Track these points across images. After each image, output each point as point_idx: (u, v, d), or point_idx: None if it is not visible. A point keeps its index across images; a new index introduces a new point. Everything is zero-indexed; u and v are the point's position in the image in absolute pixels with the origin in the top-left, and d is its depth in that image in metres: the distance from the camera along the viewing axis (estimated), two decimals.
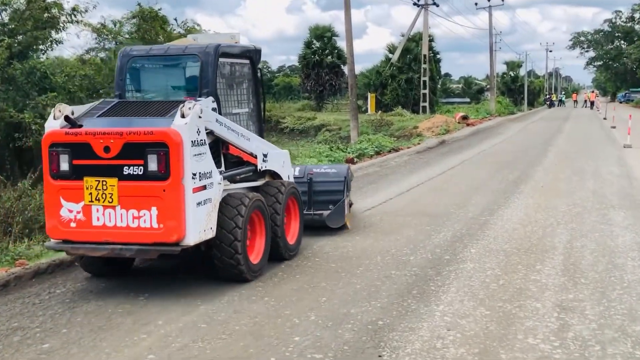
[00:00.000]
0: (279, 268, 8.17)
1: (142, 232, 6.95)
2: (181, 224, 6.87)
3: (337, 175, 10.72)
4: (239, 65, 8.64)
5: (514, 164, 19.42)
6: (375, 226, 10.70)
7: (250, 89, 8.89)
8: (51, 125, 7.30)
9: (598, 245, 9.20)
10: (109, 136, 6.97)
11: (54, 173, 7.20)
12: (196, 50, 8.04)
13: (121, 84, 8.29)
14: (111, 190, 7.00)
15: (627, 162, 19.30)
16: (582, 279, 7.58)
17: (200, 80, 7.90)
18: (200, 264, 8.01)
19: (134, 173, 6.93)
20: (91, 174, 7.06)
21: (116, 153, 6.94)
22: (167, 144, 6.80)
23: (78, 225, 7.14)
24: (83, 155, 7.06)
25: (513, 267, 8.11)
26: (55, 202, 7.23)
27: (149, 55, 8.46)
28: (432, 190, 14.52)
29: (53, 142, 7.18)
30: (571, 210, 11.81)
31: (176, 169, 6.83)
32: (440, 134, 31.98)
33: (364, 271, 8.00)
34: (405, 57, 53.06)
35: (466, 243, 9.42)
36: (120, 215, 7.01)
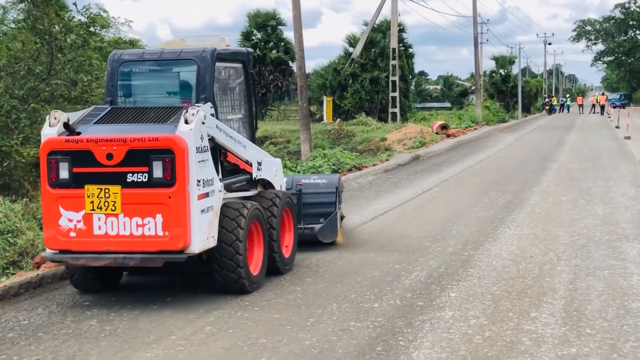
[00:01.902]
0: (206, 321, 8.10)
1: (146, 240, 8.29)
2: (187, 231, 8.23)
3: (327, 185, 12.05)
4: (233, 69, 10.15)
5: (505, 184, 19.65)
6: (329, 265, 10.70)
7: (243, 93, 10.44)
8: (48, 132, 8.55)
9: (608, 286, 9.30)
10: (112, 143, 8.27)
11: (52, 182, 8.44)
12: (192, 54, 9.44)
13: (112, 90, 9.64)
14: (114, 198, 8.30)
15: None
16: (587, 328, 7.65)
17: (197, 85, 9.32)
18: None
19: (138, 180, 8.26)
20: (93, 182, 8.35)
21: (119, 160, 8.26)
22: (173, 150, 8.16)
23: (78, 235, 8.40)
24: (84, 163, 8.34)
25: (502, 314, 8.16)
26: (54, 211, 8.46)
27: (142, 59, 9.97)
28: (403, 219, 14.62)
29: (52, 149, 8.43)
30: (575, 243, 11.97)
31: (182, 176, 8.19)
32: (413, 148, 32.28)
33: (315, 323, 7.96)
34: (369, 52, 53.58)
35: (444, 285, 9.45)
36: (123, 224, 8.32)
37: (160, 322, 8.09)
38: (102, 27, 27.01)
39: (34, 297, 9.21)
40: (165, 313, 8.44)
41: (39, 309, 8.72)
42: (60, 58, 17.17)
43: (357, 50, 52.37)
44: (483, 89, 75.28)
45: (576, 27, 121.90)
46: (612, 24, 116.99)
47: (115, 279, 9.64)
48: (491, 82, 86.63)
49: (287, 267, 10.31)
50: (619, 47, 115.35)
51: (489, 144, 36.46)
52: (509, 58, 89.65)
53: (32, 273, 9.82)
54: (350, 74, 52.49)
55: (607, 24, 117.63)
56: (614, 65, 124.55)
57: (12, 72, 16.40)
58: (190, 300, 8.94)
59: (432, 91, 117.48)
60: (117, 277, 9.69)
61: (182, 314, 8.38)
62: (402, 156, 27.66)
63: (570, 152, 30.47)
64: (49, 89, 16.82)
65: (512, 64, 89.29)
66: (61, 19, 18.19)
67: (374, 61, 53.34)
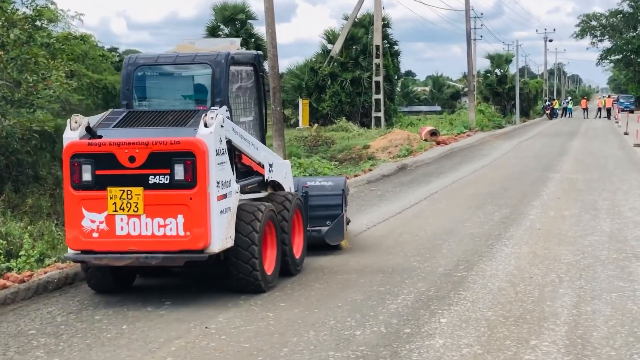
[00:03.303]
0: (167, 351, 8.08)
1: (168, 240, 9.37)
2: (207, 231, 9.35)
3: (334, 188, 13.29)
4: (245, 72, 11.33)
5: (501, 197, 19.76)
6: (307, 287, 10.72)
7: (254, 96, 11.68)
8: (69, 136, 9.65)
9: (615, 310, 9.35)
10: (135, 146, 9.34)
11: (75, 184, 9.52)
12: (207, 59, 10.59)
13: (128, 94, 10.77)
14: (136, 199, 9.35)
15: None
16: (593, 357, 7.69)
17: (212, 89, 10.49)
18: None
19: (160, 182, 9.35)
20: (115, 184, 9.41)
21: (141, 162, 9.32)
22: (194, 153, 9.25)
23: (101, 235, 9.47)
24: (107, 166, 9.41)
25: (499, 342, 8.18)
26: (77, 212, 9.53)
27: (157, 63, 10.99)
28: (388, 236, 14.67)
29: (75, 152, 9.52)
30: (579, 262, 12.05)
31: (202, 177, 9.28)
32: (399, 157, 32.37)
33: (289, 353, 7.95)
34: (350, 49, 53.67)
35: (434, 310, 9.47)
36: (145, 224, 9.38)
37: (115, 354, 8.05)
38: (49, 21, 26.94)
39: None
40: (120, 343, 8.40)
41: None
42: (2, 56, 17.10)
43: (337, 48, 52.39)
44: (477, 90, 75.63)
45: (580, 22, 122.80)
46: (619, 19, 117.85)
47: (129, 281, 10.75)
48: (486, 84, 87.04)
49: (298, 268, 11.55)
50: (627, 45, 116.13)
51: (484, 152, 36.62)
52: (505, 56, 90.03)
53: None
54: (329, 73, 52.51)
55: (615, 19, 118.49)
56: (621, 65, 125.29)
57: None
58: (149, 328, 8.91)
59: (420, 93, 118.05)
60: (131, 278, 10.81)
61: (140, 344, 8.35)
62: (387, 166, 27.73)
63: (574, 161, 30.65)
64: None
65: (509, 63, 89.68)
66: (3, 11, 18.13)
67: (356, 60, 53.43)
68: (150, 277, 11.36)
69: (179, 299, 10.18)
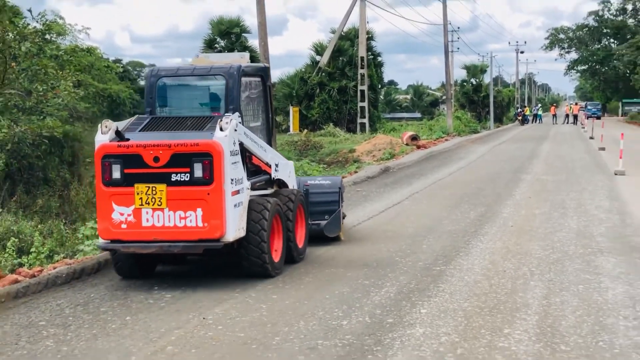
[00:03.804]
0: (167, 340, 8.06)
1: (188, 230, 9.95)
2: (223, 223, 9.91)
3: (331, 186, 13.81)
4: (254, 82, 11.93)
5: (477, 197, 19.78)
6: (297, 281, 10.71)
7: (262, 103, 12.31)
8: (100, 139, 10.16)
9: (582, 301, 9.39)
10: (159, 148, 9.90)
11: (106, 181, 10.06)
12: (221, 70, 11.24)
13: (151, 102, 11.40)
14: (160, 194, 9.92)
15: (620, 194, 19.92)
16: (562, 345, 7.71)
17: (226, 97, 11.12)
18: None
19: (181, 179, 9.92)
20: (141, 181, 9.95)
21: (165, 162, 9.88)
22: (211, 154, 9.83)
23: (128, 227, 10.03)
24: (134, 165, 9.95)
25: (475, 331, 8.20)
26: (107, 206, 10.08)
27: (176, 75, 11.73)
28: (372, 233, 14.66)
29: (105, 154, 10.06)
30: (549, 257, 12.08)
31: (218, 175, 9.85)
32: (383, 160, 32.38)
33: (281, 342, 7.95)
34: (337, 60, 53.68)
35: (415, 301, 9.48)
36: (168, 217, 9.96)
37: (119, 343, 8.03)
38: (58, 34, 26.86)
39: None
40: (124, 333, 8.39)
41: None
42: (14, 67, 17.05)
43: (325, 59, 52.42)
44: (454, 98, 75.83)
45: (549, 35, 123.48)
46: (585, 32, 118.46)
47: (151, 268, 11.26)
48: (462, 92, 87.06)
49: (301, 257, 12.08)
50: (592, 56, 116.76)
51: (461, 155, 36.65)
52: (480, 67, 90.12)
53: None
54: (318, 83, 52.52)
55: (581, 32, 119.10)
56: (587, 74, 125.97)
57: None
58: (151, 319, 8.90)
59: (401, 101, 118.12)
60: (153, 266, 11.31)
61: (142, 334, 8.33)
62: (371, 168, 27.73)
63: (544, 164, 30.70)
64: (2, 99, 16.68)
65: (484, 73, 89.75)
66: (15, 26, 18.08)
67: (342, 70, 53.46)
68: (170, 265, 11.82)
69: (178, 292, 10.16)
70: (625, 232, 14.30)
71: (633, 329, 8.21)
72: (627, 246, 12.88)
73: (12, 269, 11.06)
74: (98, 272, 11.44)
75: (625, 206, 17.68)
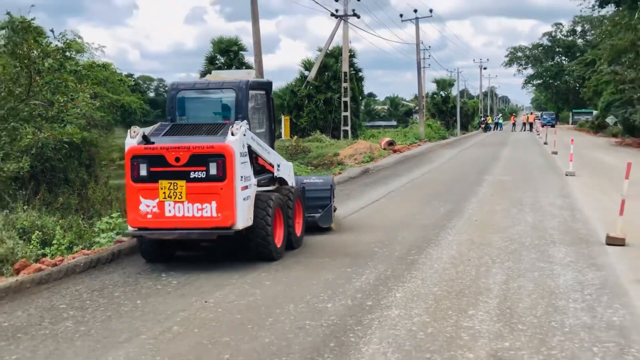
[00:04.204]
0: (173, 321, 8.05)
1: (204, 220, 10.33)
2: (234, 213, 10.32)
3: (324, 184, 14.28)
4: (259, 95, 12.36)
5: (445, 195, 19.80)
6: (288, 269, 10.70)
7: (265, 112, 12.66)
8: (129, 142, 10.57)
9: (537, 285, 9.42)
10: (179, 150, 10.33)
11: (134, 178, 10.47)
12: (232, 85, 11.67)
13: (172, 111, 11.87)
14: (180, 189, 10.33)
15: (570, 192, 19.99)
16: (519, 324, 7.74)
17: (235, 107, 11.51)
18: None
19: (198, 176, 10.30)
20: (165, 178, 10.36)
21: (184, 162, 10.30)
22: (224, 155, 10.26)
23: (153, 217, 10.43)
24: (158, 164, 10.37)
25: (443, 312, 8.22)
26: (136, 199, 10.50)
27: (193, 88, 12.15)
28: (354, 227, 14.67)
29: (134, 154, 10.46)
30: (508, 247, 12.12)
31: (230, 173, 10.28)
32: (363, 162, 32.39)
33: (273, 322, 7.95)
34: (323, 75, 53.59)
35: (391, 286, 9.50)
36: (187, 208, 10.34)
37: (131, 324, 8.02)
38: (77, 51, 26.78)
39: (13, 301, 9.09)
40: (135, 315, 8.38)
41: (18, 312, 8.60)
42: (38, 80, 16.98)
43: (312, 74, 52.35)
44: (425, 109, 75.84)
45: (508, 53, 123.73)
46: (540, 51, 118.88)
47: (171, 253, 11.59)
48: (433, 103, 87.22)
49: (299, 244, 12.45)
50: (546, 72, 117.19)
51: (431, 159, 36.71)
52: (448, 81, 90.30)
53: (12, 279, 9.74)
54: (306, 95, 52.46)
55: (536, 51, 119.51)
56: (542, 88, 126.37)
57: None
58: (159, 303, 8.88)
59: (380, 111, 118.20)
60: (173, 252, 11.64)
61: (151, 315, 8.32)
62: (353, 170, 27.75)
63: (504, 166, 30.77)
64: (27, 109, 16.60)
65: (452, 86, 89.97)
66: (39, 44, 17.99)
67: (328, 83, 53.38)
68: (186, 251, 12.09)
69: (183, 279, 10.14)
70: (574, 226, 14.35)
71: (581, 310, 8.25)
72: (576, 238, 12.93)
73: (36, 259, 11.01)
74: (112, 262, 11.42)
75: (575, 203, 17.75)
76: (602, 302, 8.58)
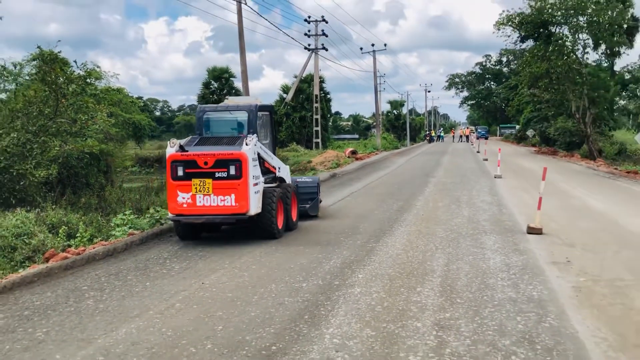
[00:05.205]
0: (176, 299, 7.99)
1: (226, 208, 11.22)
2: (248, 203, 11.24)
3: (312, 182, 15.33)
4: (265, 115, 13.19)
5: (398, 194, 19.86)
6: (270, 255, 10.66)
7: (269, 128, 13.43)
8: (169, 151, 11.46)
9: (472, 267, 9.48)
10: (207, 156, 11.23)
11: (173, 177, 11.32)
12: (245, 107, 12.60)
13: (200, 127, 12.73)
14: (208, 185, 11.20)
15: (498, 192, 20.13)
16: (457, 298, 7.78)
17: (247, 125, 12.40)
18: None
19: (222, 176, 11.19)
20: (196, 177, 11.24)
21: (211, 165, 11.20)
22: (240, 160, 11.19)
23: (187, 206, 11.30)
24: (191, 167, 11.25)
25: (396, 289, 8.24)
26: (174, 193, 11.34)
27: (215, 110, 13.07)
28: (324, 220, 14.64)
29: (173, 160, 11.34)
30: (448, 236, 12.17)
31: (245, 173, 11.18)
32: (331, 168, 32.41)
33: (258, 299, 7.92)
34: (298, 97, 53.70)
35: (354, 269, 9.50)
36: (213, 199, 11.22)
37: (141, 301, 7.95)
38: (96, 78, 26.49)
39: (44, 284, 8.97)
40: (144, 294, 8.30)
41: (47, 293, 8.49)
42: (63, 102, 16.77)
43: (289, 96, 52.37)
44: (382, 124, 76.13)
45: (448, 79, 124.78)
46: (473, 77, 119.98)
47: (199, 233, 12.37)
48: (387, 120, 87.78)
49: (295, 227, 13.38)
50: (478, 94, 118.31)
51: (387, 165, 36.82)
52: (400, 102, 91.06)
53: (43, 265, 9.65)
54: (285, 113, 52.56)
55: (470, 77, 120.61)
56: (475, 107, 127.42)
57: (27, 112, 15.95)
58: (164, 284, 8.81)
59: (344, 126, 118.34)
60: (200, 232, 12.42)
61: (157, 295, 8.25)
62: (323, 174, 27.74)
63: (445, 170, 30.95)
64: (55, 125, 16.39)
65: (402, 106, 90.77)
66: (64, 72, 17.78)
67: (302, 104, 53.53)
68: (209, 232, 12.86)
69: (184, 265, 10.07)
70: (501, 218, 14.45)
71: (507, 287, 8.30)
72: (503, 228, 13.03)
73: (63, 249, 10.88)
74: (125, 251, 11.31)
75: (502, 200, 17.88)
76: (524, 280, 8.66)
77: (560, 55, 38.38)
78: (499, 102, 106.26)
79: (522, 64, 43.80)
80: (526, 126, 69.87)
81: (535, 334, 6.47)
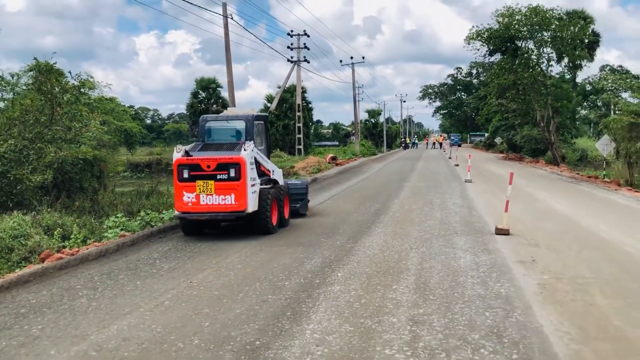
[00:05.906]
0: (165, 297, 7.94)
1: (226, 206, 11.70)
2: (246, 202, 11.73)
3: (302, 184, 15.85)
4: (260, 124, 13.64)
5: (375, 197, 19.90)
6: (254, 255, 10.62)
7: (263, 136, 13.93)
8: (176, 156, 11.90)
9: (444, 266, 9.51)
10: (209, 160, 11.72)
11: (180, 179, 11.76)
12: (243, 117, 13.18)
13: (202, 135, 13.30)
14: (211, 186, 11.67)
15: (468, 195, 20.23)
16: (430, 295, 7.80)
17: (245, 132, 12.96)
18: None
19: (223, 177, 11.67)
20: (200, 179, 11.70)
21: (213, 168, 11.66)
22: (239, 163, 11.68)
23: (192, 205, 11.76)
24: (195, 170, 11.70)
25: (373, 287, 8.24)
26: (180, 193, 11.79)
27: (217, 119, 13.61)
28: (306, 222, 14.60)
29: (179, 163, 11.78)
30: (422, 237, 12.20)
31: (243, 175, 11.67)
32: (313, 173, 32.41)
33: (243, 297, 7.89)
34: (282, 106, 53.65)
35: (334, 268, 9.50)
36: (215, 199, 11.69)
37: (132, 300, 7.89)
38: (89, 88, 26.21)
39: (39, 283, 8.88)
40: (135, 293, 8.24)
41: (43, 292, 8.40)
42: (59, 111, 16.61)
43: (273, 105, 52.20)
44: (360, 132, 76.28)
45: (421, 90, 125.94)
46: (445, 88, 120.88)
47: (201, 229, 12.82)
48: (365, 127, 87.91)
49: (287, 224, 13.83)
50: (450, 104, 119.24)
51: (365, 170, 36.89)
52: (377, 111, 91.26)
53: (39, 265, 9.55)
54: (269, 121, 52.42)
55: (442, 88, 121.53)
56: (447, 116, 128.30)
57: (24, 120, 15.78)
58: (154, 283, 8.75)
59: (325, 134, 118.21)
60: (203, 228, 12.88)
61: (147, 293, 8.19)
62: (305, 179, 27.70)
63: (419, 175, 31.08)
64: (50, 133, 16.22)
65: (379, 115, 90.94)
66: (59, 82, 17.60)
67: (285, 113, 53.51)
68: (210, 229, 13.28)
69: (173, 265, 10.01)
70: (471, 220, 14.52)
71: (477, 284, 8.35)
72: (473, 229, 13.09)
73: (58, 250, 10.78)
74: (117, 252, 11.22)
75: (472, 203, 17.98)
76: (492, 278, 8.71)
77: (526, 67, 38.77)
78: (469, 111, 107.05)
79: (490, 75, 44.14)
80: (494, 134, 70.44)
81: (502, 329, 6.50)
